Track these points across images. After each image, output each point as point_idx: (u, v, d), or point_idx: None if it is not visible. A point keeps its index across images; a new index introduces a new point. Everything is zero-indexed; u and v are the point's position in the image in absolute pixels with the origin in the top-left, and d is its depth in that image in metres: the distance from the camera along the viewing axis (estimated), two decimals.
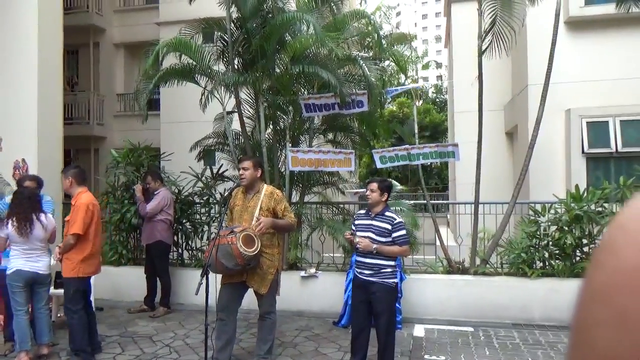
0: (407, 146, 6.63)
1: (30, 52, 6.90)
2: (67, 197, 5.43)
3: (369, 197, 4.02)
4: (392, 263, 3.97)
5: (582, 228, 5.73)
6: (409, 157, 6.51)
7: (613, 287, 0.41)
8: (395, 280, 4.00)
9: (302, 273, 6.41)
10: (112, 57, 14.29)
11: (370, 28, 7.45)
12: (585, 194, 5.91)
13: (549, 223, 6.04)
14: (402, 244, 3.94)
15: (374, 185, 4.01)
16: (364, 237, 3.92)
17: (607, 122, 7.89)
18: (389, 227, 3.91)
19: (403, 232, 3.96)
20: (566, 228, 5.78)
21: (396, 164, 6.71)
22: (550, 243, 6.00)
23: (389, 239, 3.90)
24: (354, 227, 4.12)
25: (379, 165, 6.63)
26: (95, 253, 4.58)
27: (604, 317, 0.41)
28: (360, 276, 3.98)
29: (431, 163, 28.11)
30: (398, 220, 3.97)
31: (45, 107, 7.00)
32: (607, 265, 0.42)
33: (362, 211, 4.31)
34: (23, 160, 6.82)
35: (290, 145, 6.74)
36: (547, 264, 6.05)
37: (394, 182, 10.31)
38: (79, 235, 4.39)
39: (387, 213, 4.00)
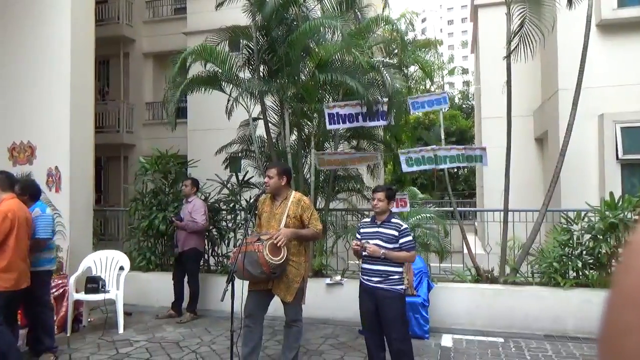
0: (434, 147, 6.56)
1: (63, 63, 7.10)
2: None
3: (377, 206, 4.04)
4: (400, 270, 3.96)
5: (618, 237, 5.52)
6: (436, 160, 6.39)
7: None
8: (403, 287, 3.98)
9: (328, 280, 6.37)
10: (141, 66, 14.62)
11: (395, 34, 7.42)
12: (621, 202, 5.71)
13: (583, 231, 5.84)
14: (410, 250, 3.96)
15: (382, 195, 4.04)
16: (373, 244, 3.93)
17: None
18: (396, 233, 3.93)
19: (410, 237, 3.98)
20: (601, 237, 5.58)
21: (422, 167, 6.52)
22: (584, 252, 5.80)
23: (396, 245, 3.92)
24: (359, 236, 4.11)
25: (404, 168, 6.47)
26: (14, 264, 4.17)
27: (632, 322, 0.38)
28: (368, 283, 3.97)
29: (458, 169, 27.81)
30: (404, 226, 4.00)
31: (78, 116, 7.18)
32: (635, 269, 0.40)
33: (367, 219, 4.32)
34: (56, 168, 7.00)
35: (315, 151, 6.74)
36: (580, 273, 5.85)
37: (416, 190, 10.22)
38: None
39: (393, 220, 4.03)
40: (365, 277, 4.00)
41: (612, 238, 5.52)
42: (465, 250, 6.86)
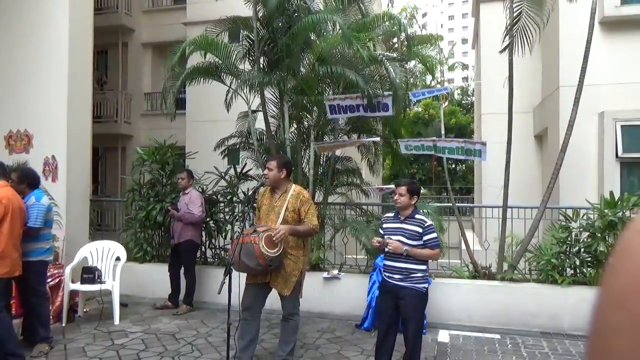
0: (434, 138, 6.59)
1: (61, 52, 7.03)
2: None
3: (398, 201, 3.88)
4: (423, 267, 3.83)
5: (616, 235, 5.51)
6: (435, 149, 6.44)
7: (630, 292, 0.39)
8: (426, 285, 3.86)
9: (325, 274, 6.36)
10: (140, 56, 14.52)
11: (395, 28, 7.37)
12: (620, 200, 5.70)
13: (581, 229, 5.84)
14: (434, 247, 3.81)
15: (403, 189, 3.86)
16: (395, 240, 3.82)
17: None
18: (420, 230, 3.79)
19: (434, 234, 3.83)
20: (599, 235, 5.58)
21: (420, 152, 6.74)
22: (582, 250, 5.80)
23: (420, 242, 3.79)
24: (382, 231, 3.99)
25: (403, 151, 6.64)
26: (7, 252, 4.16)
27: (620, 323, 0.39)
28: (389, 281, 3.86)
29: (456, 165, 27.77)
30: (429, 223, 3.85)
31: (75, 105, 7.12)
32: (624, 270, 0.41)
33: (390, 214, 4.14)
34: (53, 157, 6.95)
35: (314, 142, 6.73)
36: (578, 271, 5.86)
37: None
38: None
39: (417, 216, 3.88)
40: (387, 274, 3.89)
41: (611, 236, 5.52)
42: (463, 246, 6.86)
